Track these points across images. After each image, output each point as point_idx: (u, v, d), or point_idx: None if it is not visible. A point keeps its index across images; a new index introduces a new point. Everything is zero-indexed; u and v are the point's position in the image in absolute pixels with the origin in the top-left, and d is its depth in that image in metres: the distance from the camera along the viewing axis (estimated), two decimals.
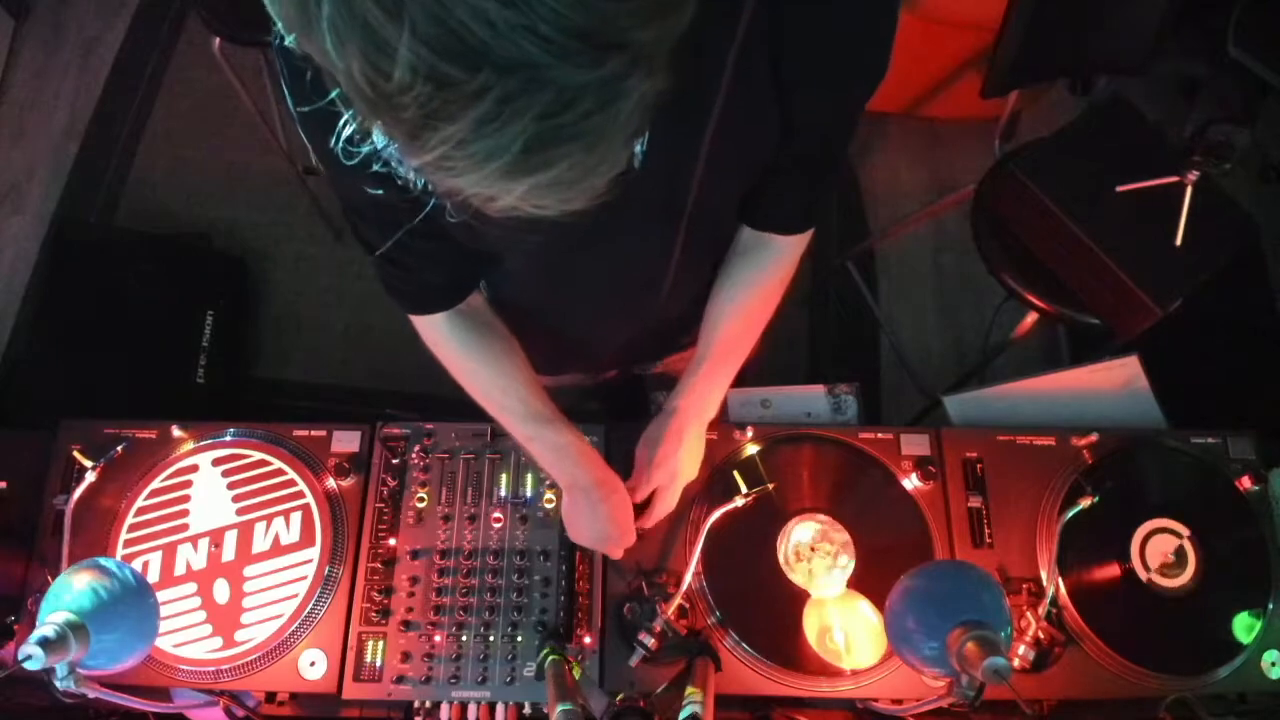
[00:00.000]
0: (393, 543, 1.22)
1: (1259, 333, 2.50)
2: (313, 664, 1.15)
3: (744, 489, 1.17)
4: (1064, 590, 1.18)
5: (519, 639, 1.16)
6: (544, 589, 1.19)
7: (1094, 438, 1.26)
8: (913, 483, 1.25)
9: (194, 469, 1.25)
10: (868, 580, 1.18)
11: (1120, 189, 1.77)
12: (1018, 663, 1.13)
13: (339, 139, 0.57)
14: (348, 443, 1.28)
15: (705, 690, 1.01)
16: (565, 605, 1.17)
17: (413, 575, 1.19)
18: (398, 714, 1.18)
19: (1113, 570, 1.21)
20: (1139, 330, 1.76)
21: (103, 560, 0.96)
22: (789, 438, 1.28)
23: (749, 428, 1.26)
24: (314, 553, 1.20)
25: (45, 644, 0.84)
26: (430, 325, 1.07)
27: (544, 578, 1.19)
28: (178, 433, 1.27)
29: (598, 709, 1.08)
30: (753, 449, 1.27)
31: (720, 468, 1.25)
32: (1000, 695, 0.88)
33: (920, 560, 1.13)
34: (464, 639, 1.16)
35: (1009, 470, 1.26)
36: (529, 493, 1.25)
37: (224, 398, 2.32)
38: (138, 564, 1.20)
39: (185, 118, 2.87)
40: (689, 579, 1.13)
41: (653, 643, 1.10)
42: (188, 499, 1.24)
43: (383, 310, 2.55)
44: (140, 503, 1.23)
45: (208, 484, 1.25)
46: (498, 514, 1.23)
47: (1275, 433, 1.33)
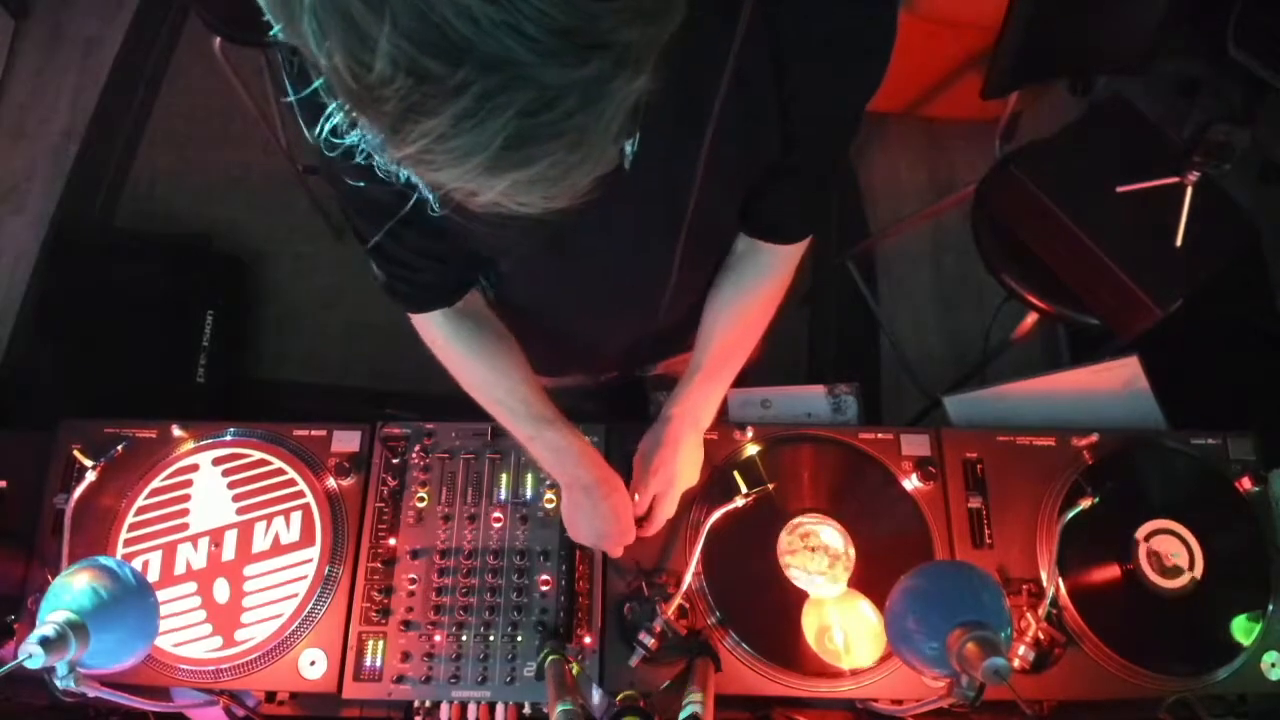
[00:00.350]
0: (393, 542, 1.22)
1: (1259, 333, 2.50)
2: (313, 663, 1.15)
3: (744, 489, 1.17)
4: (1064, 591, 1.18)
5: (519, 639, 1.16)
6: (544, 589, 1.19)
7: (1094, 438, 1.26)
8: (913, 483, 1.25)
9: (194, 468, 1.25)
10: (868, 580, 1.18)
11: (1120, 189, 1.77)
12: (1018, 663, 1.13)
13: (322, 129, 0.57)
14: (348, 442, 1.28)
15: (705, 690, 1.01)
16: (565, 605, 1.17)
17: (413, 575, 1.19)
18: (398, 714, 1.18)
19: (1113, 571, 1.21)
20: (1139, 330, 1.76)
21: (103, 560, 0.96)
22: (789, 438, 1.28)
23: (749, 428, 1.26)
24: (314, 552, 1.20)
25: (45, 643, 0.84)
26: (429, 323, 1.07)
27: (544, 578, 1.19)
28: (178, 432, 1.27)
29: (598, 709, 1.08)
30: (753, 449, 1.27)
31: (720, 468, 1.25)
32: (1000, 696, 0.88)
33: (920, 560, 1.13)
34: (464, 639, 1.16)
35: (1009, 471, 1.26)
36: (529, 493, 1.25)
37: (224, 397, 2.32)
38: (138, 563, 1.20)
39: (185, 118, 2.87)
40: (689, 579, 1.13)
41: (653, 643, 1.10)
42: (188, 498, 1.24)
43: (383, 310, 2.52)
44: (140, 502, 1.23)
45: (208, 483, 1.25)
46: (498, 514, 1.23)
47: (1275, 433, 1.33)
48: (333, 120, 0.53)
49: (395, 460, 1.26)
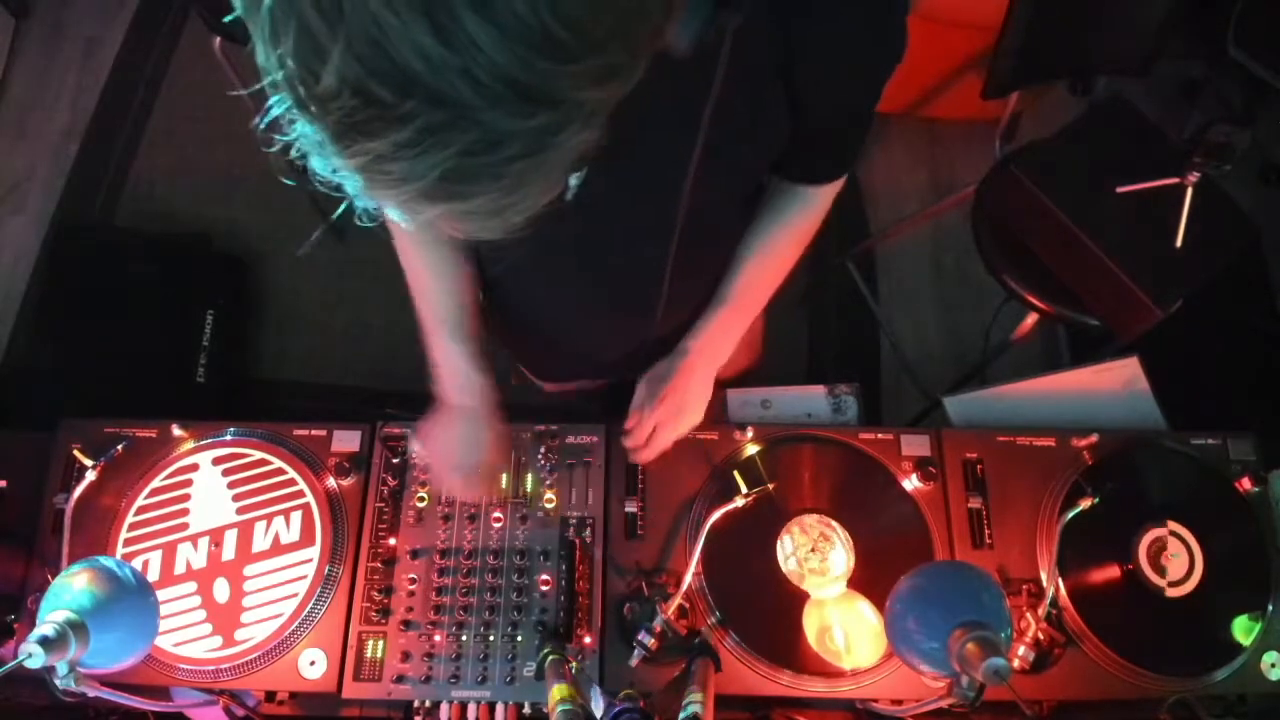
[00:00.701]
0: (393, 542, 1.22)
1: (1259, 333, 2.50)
2: (313, 663, 1.15)
3: (744, 489, 1.16)
4: (1064, 591, 1.18)
5: (519, 639, 1.16)
6: (544, 589, 1.19)
7: (1094, 439, 1.26)
8: (913, 483, 1.25)
9: (194, 468, 1.25)
10: (868, 580, 1.18)
11: (1120, 189, 1.77)
12: (1017, 663, 1.13)
13: (262, 123, 0.57)
14: (348, 442, 1.28)
15: (705, 690, 1.01)
16: (565, 605, 1.17)
17: (413, 575, 1.19)
18: (398, 713, 1.18)
19: (1113, 571, 1.21)
20: (1139, 331, 1.76)
21: (103, 559, 0.96)
22: (789, 438, 1.28)
23: (749, 428, 1.26)
24: (314, 552, 1.20)
25: (45, 643, 0.84)
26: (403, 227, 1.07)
27: (544, 577, 1.19)
28: (178, 432, 1.27)
29: (598, 709, 1.08)
30: (753, 449, 1.27)
31: (720, 468, 1.25)
32: (1000, 696, 0.88)
33: (920, 560, 1.14)
34: (464, 639, 1.16)
35: (1009, 471, 1.26)
36: (529, 492, 1.25)
37: (224, 397, 2.32)
38: (138, 563, 1.20)
39: (185, 118, 2.86)
40: (689, 579, 1.13)
41: (653, 643, 1.10)
42: (188, 498, 1.24)
43: (383, 310, 2.56)
44: (140, 502, 1.23)
45: (208, 483, 1.25)
46: (498, 514, 1.23)
47: (1275, 434, 1.33)
48: (272, 114, 0.53)
49: (395, 460, 1.26)
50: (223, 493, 1.24)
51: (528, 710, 1.15)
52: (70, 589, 0.91)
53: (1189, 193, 1.74)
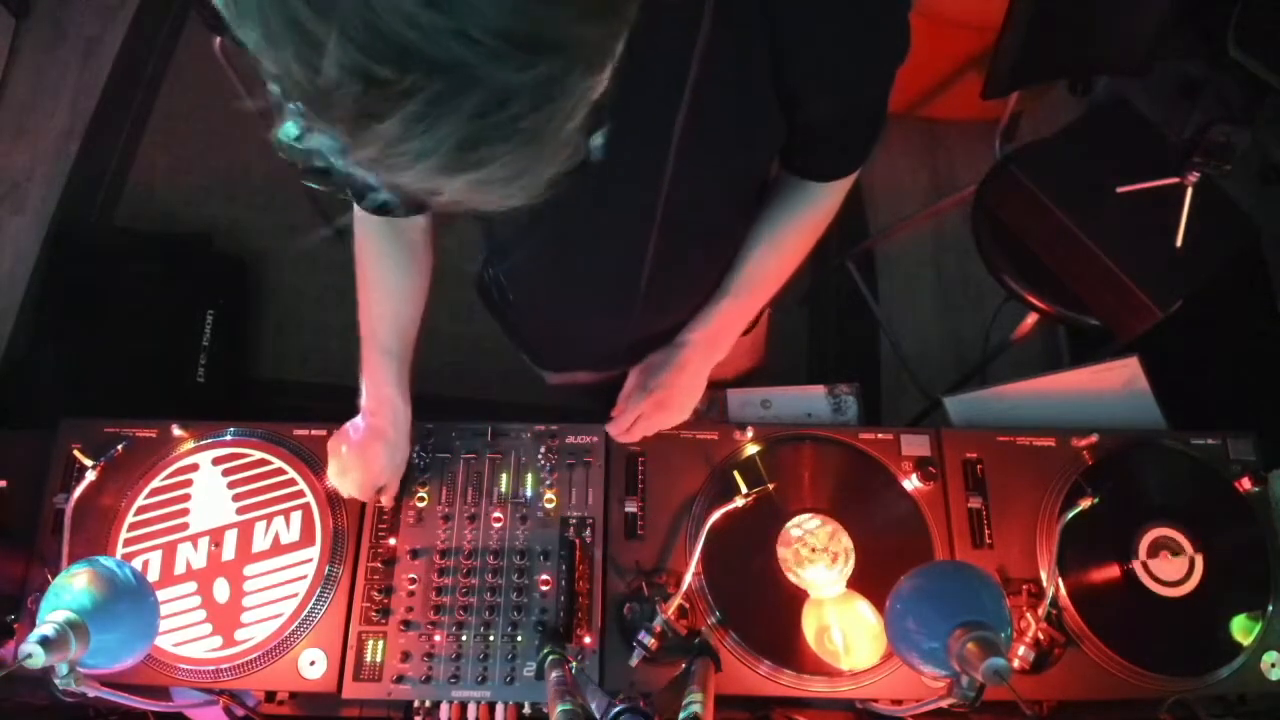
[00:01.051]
0: (393, 542, 1.21)
1: (1259, 333, 2.50)
2: (313, 663, 1.15)
3: (744, 489, 1.16)
4: (1064, 591, 1.18)
5: (519, 639, 1.16)
6: (544, 589, 1.19)
7: (1094, 439, 1.26)
8: (913, 483, 1.25)
9: (194, 468, 1.25)
10: (868, 580, 1.18)
11: (1120, 190, 1.77)
12: (1017, 663, 1.13)
13: (282, 137, 0.57)
14: None
15: (705, 690, 1.01)
16: (565, 605, 1.17)
17: (412, 575, 1.19)
18: (397, 714, 1.18)
19: (1113, 571, 1.21)
20: (1139, 331, 1.76)
21: (103, 559, 0.96)
22: (789, 438, 1.28)
23: (749, 428, 1.26)
24: (314, 552, 1.20)
25: (45, 643, 0.84)
26: (367, 223, 1.07)
27: (544, 577, 1.19)
28: (178, 432, 1.27)
29: (598, 709, 1.08)
30: (753, 449, 1.27)
31: (720, 468, 1.25)
32: (1000, 696, 0.88)
33: (920, 560, 1.13)
34: (464, 639, 1.16)
35: (1009, 471, 1.26)
36: (529, 492, 1.25)
37: (224, 397, 2.32)
38: (138, 563, 1.20)
39: (185, 118, 2.87)
40: (689, 579, 1.13)
41: (652, 643, 1.10)
42: (188, 498, 1.24)
43: None
44: (140, 502, 1.23)
45: (208, 483, 1.25)
46: (498, 514, 1.23)
47: (1276, 434, 1.33)
48: (290, 125, 0.53)
49: None
50: (223, 493, 1.24)
51: (528, 710, 1.15)
52: (70, 589, 0.91)
53: (1189, 193, 1.74)
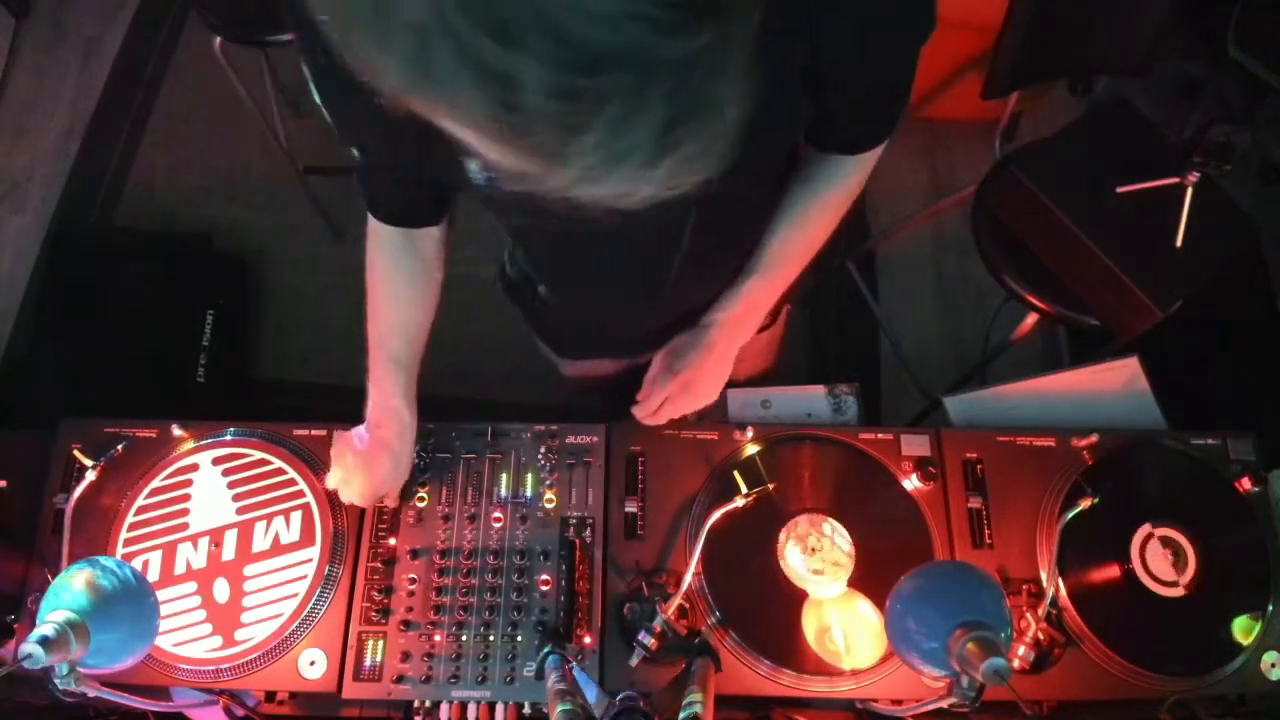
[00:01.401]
0: (393, 542, 1.21)
1: (1259, 333, 2.50)
2: (313, 663, 1.15)
3: (744, 489, 1.16)
4: (1064, 591, 1.18)
5: (519, 639, 1.16)
6: (544, 589, 1.19)
7: (1094, 439, 1.26)
8: (913, 483, 1.25)
9: (194, 468, 1.25)
10: (868, 580, 1.18)
11: (1120, 189, 1.77)
12: (1018, 663, 1.13)
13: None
14: None
15: (705, 690, 1.01)
16: (565, 605, 1.17)
17: (412, 575, 1.19)
18: (397, 713, 1.18)
19: (1112, 571, 1.21)
20: (1139, 331, 1.76)
21: (103, 559, 0.96)
22: (789, 438, 1.28)
23: (749, 428, 1.26)
24: (314, 552, 1.20)
25: (45, 643, 0.84)
26: (381, 234, 1.07)
27: (544, 577, 1.19)
28: (178, 432, 1.27)
29: (598, 709, 1.08)
30: (753, 449, 1.27)
31: (720, 468, 1.25)
32: (1000, 696, 0.88)
33: (920, 560, 1.13)
34: (464, 639, 1.16)
35: (1009, 471, 1.26)
36: (529, 492, 1.25)
37: (224, 397, 2.32)
38: (138, 563, 1.20)
39: (185, 118, 2.87)
40: (689, 579, 1.13)
41: (652, 643, 1.10)
42: (188, 498, 1.24)
43: None
44: (140, 502, 1.23)
45: (208, 483, 1.25)
46: (498, 514, 1.23)
47: (1276, 434, 1.33)
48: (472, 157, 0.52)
49: None
50: (223, 493, 1.24)
51: (528, 710, 1.15)
52: (70, 589, 0.91)
53: (1189, 193, 1.74)
